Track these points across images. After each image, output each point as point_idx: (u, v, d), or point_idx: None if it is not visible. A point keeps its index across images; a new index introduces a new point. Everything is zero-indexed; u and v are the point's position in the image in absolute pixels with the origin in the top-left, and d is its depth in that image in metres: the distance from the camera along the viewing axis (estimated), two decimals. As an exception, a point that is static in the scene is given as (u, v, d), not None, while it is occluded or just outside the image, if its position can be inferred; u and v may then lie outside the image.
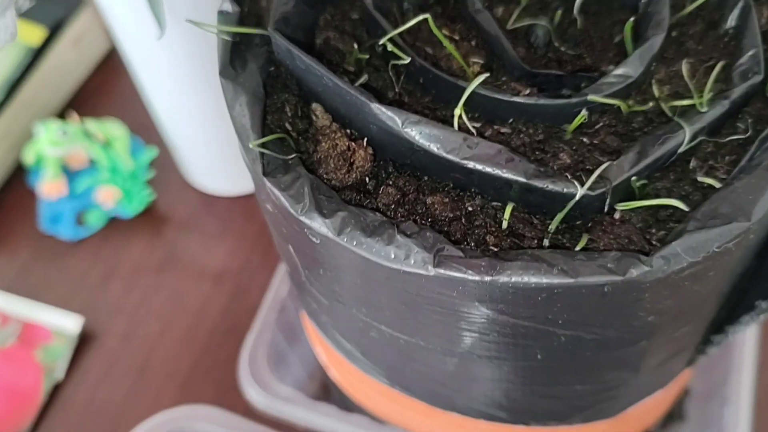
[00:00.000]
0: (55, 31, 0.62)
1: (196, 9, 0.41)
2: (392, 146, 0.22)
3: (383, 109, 0.21)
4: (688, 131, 0.21)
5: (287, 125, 0.23)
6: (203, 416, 0.38)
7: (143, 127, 0.60)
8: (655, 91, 0.23)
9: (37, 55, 0.60)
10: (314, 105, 0.23)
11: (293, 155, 0.22)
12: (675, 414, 0.42)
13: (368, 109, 0.21)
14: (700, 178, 0.21)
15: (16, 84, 0.59)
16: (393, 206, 0.21)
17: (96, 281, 0.54)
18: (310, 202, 0.20)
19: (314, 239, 0.21)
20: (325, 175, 0.22)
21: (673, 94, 0.23)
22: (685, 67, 0.23)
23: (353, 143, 0.22)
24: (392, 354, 0.27)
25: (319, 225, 0.20)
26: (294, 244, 0.24)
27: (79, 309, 0.52)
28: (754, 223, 0.19)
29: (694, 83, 0.23)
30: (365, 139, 0.22)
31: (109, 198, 0.56)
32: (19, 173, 0.59)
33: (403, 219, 0.21)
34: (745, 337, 0.39)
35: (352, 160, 0.22)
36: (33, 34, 0.61)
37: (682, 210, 0.20)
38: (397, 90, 0.23)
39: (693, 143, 0.21)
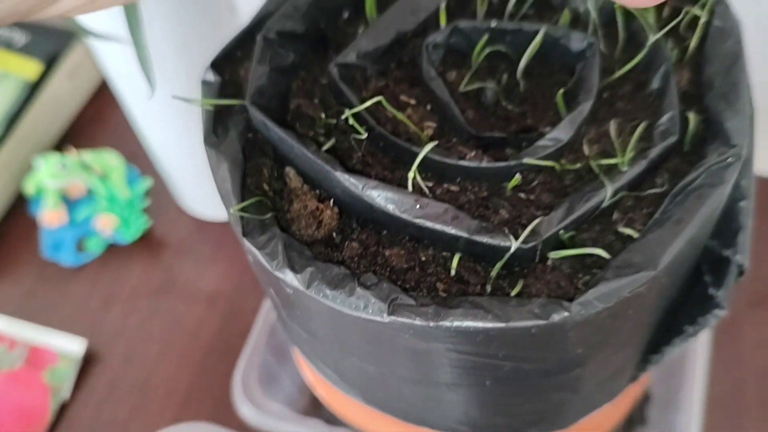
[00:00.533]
0: (50, 65, 0.65)
1: (182, 60, 0.45)
2: (355, 206, 0.25)
3: (346, 176, 0.24)
4: (609, 189, 0.24)
5: (265, 185, 0.26)
6: (199, 430, 0.42)
7: (138, 155, 0.63)
8: (586, 150, 0.26)
9: (34, 88, 0.64)
10: (287, 169, 0.26)
11: (269, 215, 0.25)
12: (636, 419, 0.46)
13: (333, 176, 0.24)
14: (620, 229, 0.24)
15: (14, 117, 0.62)
16: (356, 258, 0.25)
17: (97, 305, 0.57)
18: (283, 259, 0.23)
19: (288, 290, 0.24)
20: (297, 232, 0.25)
21: (602, 153, 0.26)
22: (613, 127, 0.26)
23: (321, 204, 0.25)
24: (365, 380, 0.30)
25: (290, 279, 0.23)
26: (273, 288, 0.27)
27: (82, 332, 0.55)
28: (660, 271, 0.22)
29: (620, 142, 0.26)
30: (332, 199, 0.25)
31: (107, 225, 0.59)
32: (21, 203, 0.63)
33: (365, 270, 0.24)
34: (698, 348, 0.42)
35: (320, 219, 0.25)
36: (29, 68, 0.64)
37: (605, 257, 0.24)
38: (360, 153, 0.26)
39: (615, 198, 0.25)
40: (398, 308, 0.22)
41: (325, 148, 0.26)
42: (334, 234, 0.25)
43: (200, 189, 0.58)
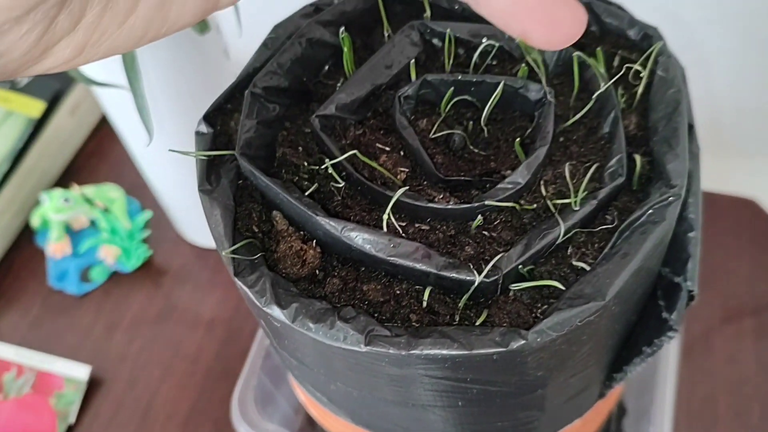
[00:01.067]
0: (53, 103, 0.68)
1: (178, 106, 0.48)
2: (335, 246, 0.28)
3: (326, 220, 0.27)
4: (562, 228, 0.27)
5: (254, 228, 0.29)
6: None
7: (138, 186, 0.66)
8: (543, 191, 0.29)
9: (37, 126, 0.67)
10: (274, 213, 0.29)
11: (258, 255, 0.28)
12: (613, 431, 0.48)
13: (314, 220, 0.27)
14: (574, 263, 0.27)
15: (20, 153, 0.65)
16: (337, 293, 0.27)
17: (101, 332, 0.60)
18: (271, 296, 0.26)
19: (276, 323, 0.27)
20: (284, 270, 0.28)
21: (557, 193, 0.29)
22: (567, 169, 0.29)
23: (305, 244, 0.28)
24: (351, 402, 0.33)
25: (277, 314, 0.26)
26: (263, 321, 0.30)
27: (87, 358, 0.58)
28: (609, 301, 0.25)
29: (574, 183, 0.29)
30: (315, 240, 0.28)
31: (110, 255, 0.62)
32: (27, 235, 0.65)
33: (345, 304, 0.27)
34: (668, 363, 0.45)
35: (304, 258, 0.28)
36: (33, 107, 0.67)
37: (560, 288, 0.26)
38: (340, 197, 0.29)
39: (569, 234, 0.27)
40: (374, 339, 0.25)
41: (308, 192, 0.29)
42: (317, 271, 0.28)
43: (198, 218, 0.60)
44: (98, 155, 0.71)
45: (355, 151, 0.28)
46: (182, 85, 0.47)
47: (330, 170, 0.29)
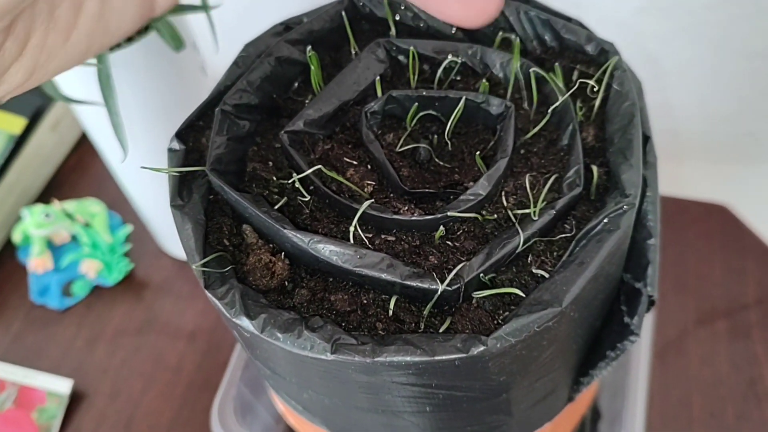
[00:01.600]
0: (34, 120, 0.69)
1: (153, 121, 0.48)
2: (303, 258, 0.29)
3: (293, 233, 0.28)
4: (522, 237, 0.28)
5: (225, 241, 0.30)
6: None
7: (119, 201, 0.66)
8: (504, 202, 0.30)
9: (18, 142, 0.67)
10: (244, 226, 0.30)
11: (229, 268, 0.29)
12: (589, 436, 0.49)
13: (282, 233, 0.28)
14: (534, 270, 0.28)
15: (1, 170, 0.66)
16: (306, 304, 0.28)
17: (83, 345, 0.60)
18: (240, 308, 0.27)
19: (246, 334, 0.27)
20: (253, 282, 0.29)
21: (518, 203, 0.30)
22: (528, 180, 0.30)
23: (274, 257, 0.29)
24: (324, 410, 0.33)
25: (246, 325, 0.27)
26: (236, 332, 0.30)
27: (69, 372, 0.58)
28: (566, 307, 0.26)
29: (534, 194, 0.30)
30: (283, 252, 0.29)
31: (91, 270, 0.62)
32: (9, 250, 0.66)
33: (313, 314, 0.28)
34: (640, 368, 0.46)
35: (273, 270, 0.29)
36: (14, 123, 0.68)
37: (521, 295, 0.27)
38: (308, 210, 0.30)
39: (528, 244, 0.28)
40: (340, 347, 0.26)
41: (277, 206, 0.30)
42: (286, 282, 0.29)
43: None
44: (79, 170, 0.72)
45: (319, 166, 0.29)
46: (157, 102, 0.48)
47: (297, 184, 0.29)
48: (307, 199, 0.30)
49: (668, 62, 0.61)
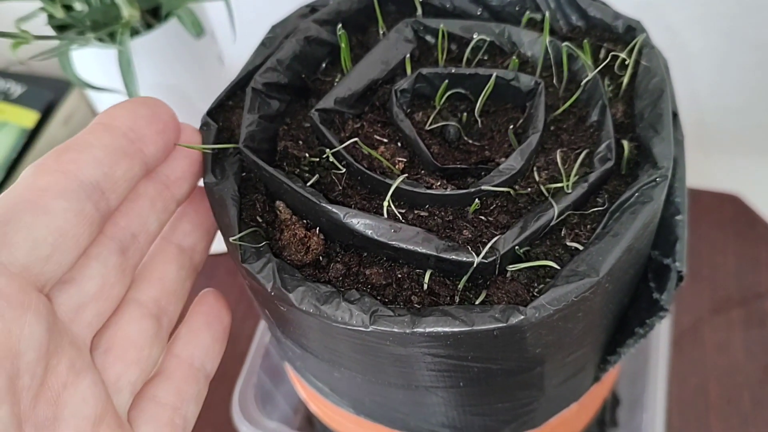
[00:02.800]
0: (46, 114, 0.69)
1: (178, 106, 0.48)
2: (338, 232, 0.29)
3: (329, 206, 0.28)
4: (556, 210, 0.28)
5: (258, 218, 0.30)
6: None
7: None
8: (536, 176, 0.30)
9: (31, 136, 0.67)
10: (278, 203, 0.30)
11: (263, 243, 0.29)
12: (608, 421, 0.49)
13: (318, 207, 0.28)
14: (568, 243, 0.28)
15: (13, 164, 0.66)
16: (341, 278, 0.28)
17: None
18: (278, 281, 0.27)
19: (282, 307, 0.27)
20: (288, 257, 0.29)
21: (550, 178, 0.30)
22: (559, 156, 0.30)
23: (308, 232, 0.29)
24: (353, 389, 0.33)
25: (285, 297, 0.27)
26: (268, 309, 0.31)
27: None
28: (602, 278, 0.26)
29: (565, 168, 0.30)
30: (318, 228, 0.29)
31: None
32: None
33: (349, 288, 0.28)
34: (659, 352, 0.46)
35: (308, 245, 0.29)
36: (27, 117, 0.68)
37: (555, 268, 0.28)
38: (341, 187, 0.30)
39: (562, 217, 0.28)
40: (378, 318, 0.26)
41: (309, 183, 0.30)
42: (321, 258, 0.29)
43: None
44: (92, 165, 0.72)
45: (356, 139, 0.29)
46: (175, 89, 0.48)
47: (331, 159, 0.30)
48: (341, 172, 0.30)
49: (678, 53, 0.62)
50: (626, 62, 0.32)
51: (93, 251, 0.25)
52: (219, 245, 0.65)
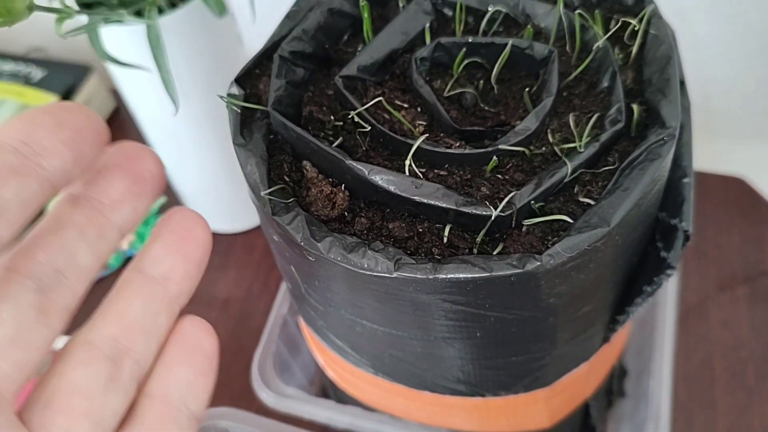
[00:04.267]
0: (66, 97, 0.71)
1: (196, 83, 0.50)
2: (362, 189, 0.30)
3: (355, 164, 0.29)
4: (569, 167, 0.29)
5: (285, 177, 0.32)
6: (224, 415, 0.46)
7: (150, 177, 0.68)
8: (550, 138, 0.31)
9: (53, 119, 0.69)
10: (304, 162, 0.31)
11: (291, 199, 0.30)
12: (617, 391, 0.51)
13: (344, 164, 0.30)
14: (581, 199, 0.30)
15: (36, 146, 0.67)
16: (365, 231, 0.30)
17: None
18: (307, 232, 0.29)
19: (310, 258, 0.29)
20: (315, 212, 0.30)
21: (563, 140, 0.31)
22: (571, 119, 0.32)
23: (334, 188, 0.30)
24: (374, 344, 0.35)
25: (313, 247, 0.28)
26: (295, 264, 0.32)
27: (106, 339, 0.60)
28: (613, 228, 0.28)
29: (577, 130, 0.31)
30: (343, 185, 0.31)
31: (124, 241, 0.64)
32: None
33: (373, 240, 0.29)
34: (665, 325, 0.48)
35: (334, 201, 0.30)
36: (47, 101, 0.70)
37: (568, 222, 0.29)
38: (364, 148, 0.32)
39: (575, 175, 0.30)
40: (403, 266, 0.27)
41: (334, 145, 0.31)
42: (346, 213, 0.31)
43: (211, 204, 0.63)
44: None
45: (381, 98, 0.31)
46: (196, 68, 0.50)
47: (356, 119, 0.31)
48: (366, 130, 0.31)
49: (684, 39, 0.63)
50: (636, 30, 0.33)
51: (2, 291, 0.21)
52: (236, 225, 0.67)
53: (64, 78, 0.71)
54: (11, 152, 0.21)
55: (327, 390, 0.54)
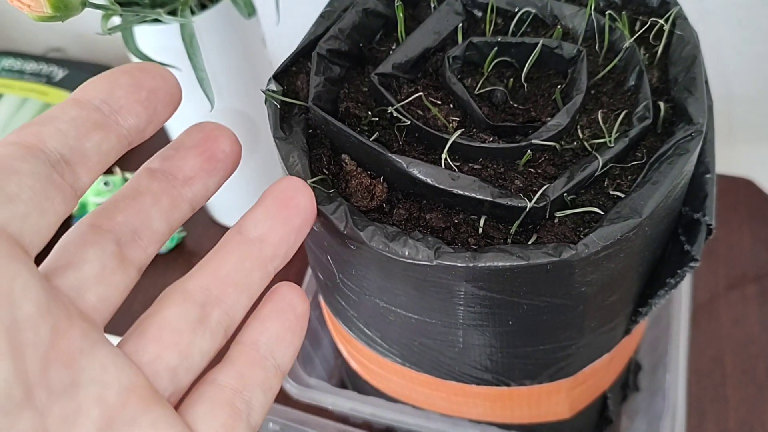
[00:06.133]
0: (87, 97, 0.72)
1: (228, 82, 0.51)
2: (400, 181, 0.31)
3: (394, 156, 0.30)
4: (600, 161, 0.31)
5: (325, 170, 0.33)
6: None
7: (169, 175, 0.69)
8: (580, 134, 0.33)
9: (73, 118, 0.70)
10: (343, 155, 0.33)
11: (332, 190, 0.31)
12: (632, 386, 0.52)
13: (383, 157, 0.31)
14: (611, 192, 0.31)
15: (57, 144, 0.68)
16: (403, 222, 0.31)
17: (139, 310, 0.62)
18: (349, 221, 0.30)
19: (352, 246, 0.30)
20: (355, 203, 0.31)
21: (592, 135, 0.33)
22: (600, 116, 0.33)
23: (373, 180, 0.32)
24: (405, 333, 0.36)
25: (357, 236, 0.29)
26: (332, 254, 0.33)
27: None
28: (644, 219, 0.29)
29: (606, 127, 0.33)
30: (381, 177, 0.32)
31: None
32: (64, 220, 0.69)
33: (411, 229, 0.31)
34: (680, 317, 0.49)
35: (373, 192, 0.31)
36: (69, 100, 0.71)
37: (599, 213, 0.30)
38: (400, 142, 0.33)
39: (605, 169, 0.31)
40: (443, 254, 0.29)
41: (371, 139, 0.33)
42: (384, 204, 0.32)
43: (231, 201, 0.64)
44: (129, 147, 0.75)
45: (420, 94, 0.32)
46: (224, 69, 0.51)
47: (395, 114, 0.32)
48: (405, 124, 0.32)
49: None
50: (662, 30, 0.35)
51: (88, 239, 0.24)
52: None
53: (85, 77, 0.71)
54: (93, 109, 0.23)
55: (345, 383, 0.55)
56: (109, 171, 0.67)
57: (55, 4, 0.31)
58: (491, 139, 0.32)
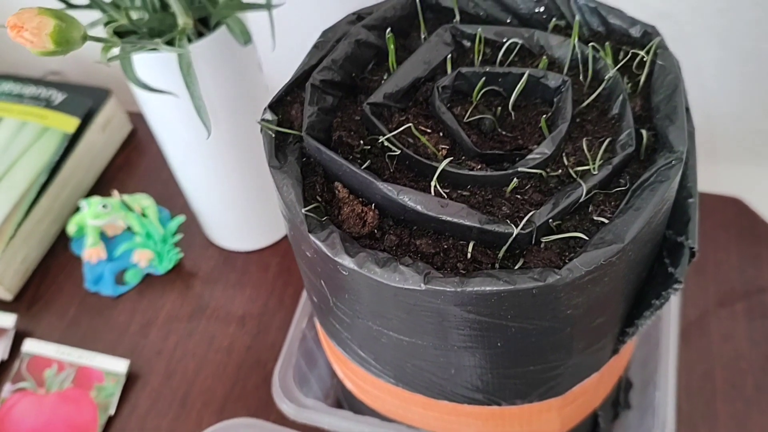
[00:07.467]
0: (86, 120, 0.73)
1: (223, 110, 0.52)
2: (391, 208, 0.32)
3: (384, 185, 0.32)
4: (584, 188, 0.32)
5: (318, 197, 0.34)
6: (247, 425, 0.48)
7: (164, 197, 0.70)
8: (565, 161, 0.34)
9: (71, 140, 0.71)
10: (336, 183, 0.34)
11: (325, 218, 0.32)
12: (623, 404, 0.53)
13: (374, 186, 0.32)
14: (595, 218, 0.32)
15: (56, 166, 0.70)
16: (394, 247, 0.32)
17: (137, 330, 0.63)
18: (341, 248, 0.31)
19: (344, 272, 0.31)
20: (347, 230, 0.32)
21: (577, 162, 0.34)
22: (585, 143, 0.34)
23: (365, 208, 0.33)
24: (398, 355, 0.37)
25: (347, 262, 0.30)
26: (325, 279, 0.34)
27: (124, 354, 0.62)
28: (627, 244, 0.30)
29: (591, 154, 0.34)
30: (373, 204, 0.33)
31: (143, 259, 0.66)
32: (63, 242, 0.69)
33: (401, 255, 0.32)
34: (670, 334, 0.50)
35: (365, 219, 0.32)
36: (68, 123, 0.72)
37: (584, 239, 0.31)
38: (390, 170, 0.34)
39: (589, 195, 0.32)
40: (432, 279, 0.30)
41: (363, 167, 0.34)
42: (376, 230, 0.33)
43: (228, 224, 0.65)
44: (126, 168, 0.76)
45: (410, 124, 0.33)
46: (221, 95, 0.52)
47: (386, 143, 0.33)
48: (395, 153, 0.33)
49: (683, 65, 0.66)
50: (644, 61, 0.36)
51: None
52: (252, 243, 0.69)
53: (84, 101, 0.73)
54: None
55: (341, 403, 0.56)
56: (107, 194, 0.68)
57: (57, 40, 0.32)
58: (479, 166, 0.34)
